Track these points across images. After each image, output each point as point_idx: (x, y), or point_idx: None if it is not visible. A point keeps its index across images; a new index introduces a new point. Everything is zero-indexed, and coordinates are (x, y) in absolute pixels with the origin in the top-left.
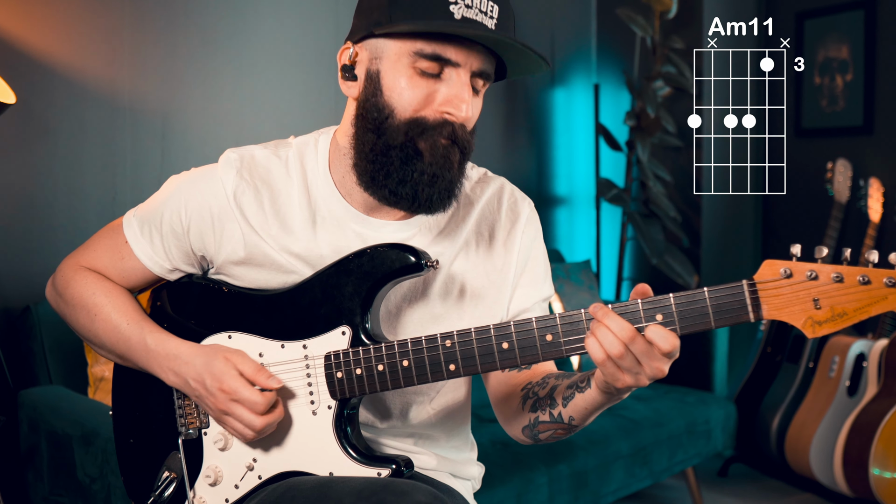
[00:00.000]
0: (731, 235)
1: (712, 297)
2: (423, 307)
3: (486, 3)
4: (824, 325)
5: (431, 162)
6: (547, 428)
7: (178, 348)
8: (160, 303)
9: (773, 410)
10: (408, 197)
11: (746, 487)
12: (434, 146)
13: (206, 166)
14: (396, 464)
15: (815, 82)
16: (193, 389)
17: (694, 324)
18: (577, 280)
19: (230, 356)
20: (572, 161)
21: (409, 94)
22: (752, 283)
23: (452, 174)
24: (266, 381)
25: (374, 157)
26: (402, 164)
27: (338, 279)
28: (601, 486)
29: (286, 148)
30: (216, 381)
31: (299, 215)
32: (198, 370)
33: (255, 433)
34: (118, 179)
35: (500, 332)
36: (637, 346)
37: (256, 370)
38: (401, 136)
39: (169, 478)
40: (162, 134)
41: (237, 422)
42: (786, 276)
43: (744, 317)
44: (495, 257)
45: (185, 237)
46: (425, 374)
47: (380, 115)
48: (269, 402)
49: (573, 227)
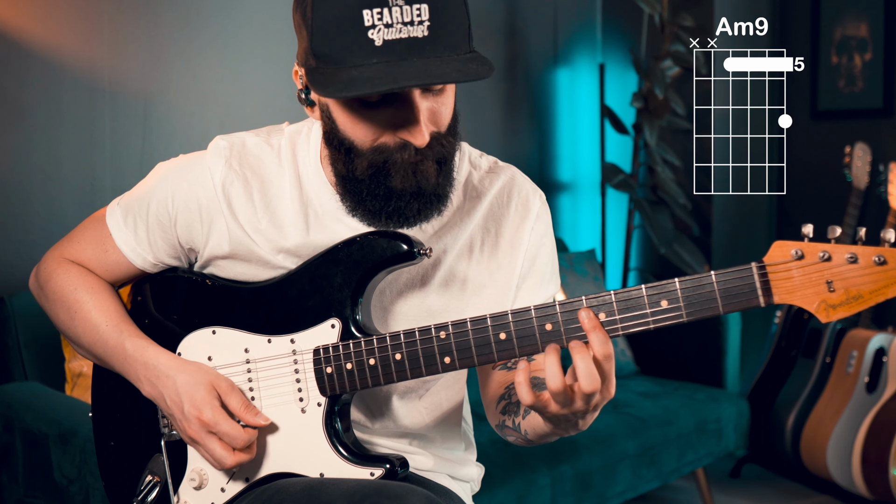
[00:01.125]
0: (743, 223)
1: (720, 280)
2: (419, 304)
3: (411, 10)
4: (839, 308)
5: (405, 183)
6: (510, 434)
7: (158, 358)
8: (141, 297)
9: (787, 408)
10: (396, 215)
11: (760, 489)
12: (403, 166)
13: (195, 153)
14: (391, 463)
15: (832, 62)
16: (168, 408)
17: (701, 309)
18: (582, 270)
19: (217, 384)
20: (576, 145)
21: (359, 129)
22: (762, 266)
23: (435, 182)
24: (254, 418)
25: (347, 187)
26: (375, 196)
27: (326, 269)
28: (606, 488)
29: (279, 136)
30: (196, 408)
31: (291, 209)
32: (178, 390)
33: (223, 469)
34: (97, 165)
35: (497, 321)
36: None
37: (244, 407)
38: (366, 169)
39: (152, 482)
40: (143, 116)
41: (206, 453)
42: (797, 257)
43: (753, 301)
44: (501, 256)
45: (172, 229)
46: (419, 368)
47: (342, 146)
48: (248, 440)
49: (577, 214)
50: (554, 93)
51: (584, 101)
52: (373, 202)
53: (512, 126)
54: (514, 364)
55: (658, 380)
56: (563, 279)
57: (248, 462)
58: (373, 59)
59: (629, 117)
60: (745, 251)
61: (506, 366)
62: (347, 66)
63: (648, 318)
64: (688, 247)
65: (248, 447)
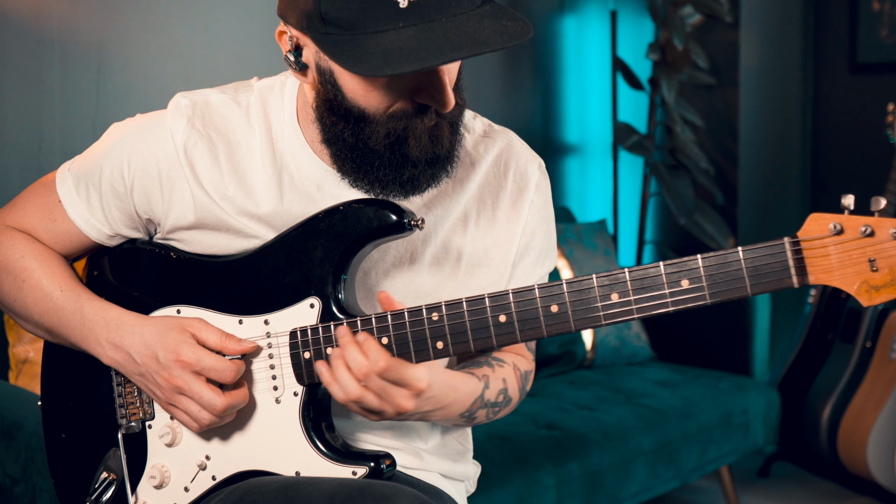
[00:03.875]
0: (773, 190)
1: (748, 257)
2: (409, 283)
3: None
4: (882, 290)
5: (422, 150)
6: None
7: (122, 317)
8: (97, 272)
9: (823, 398)
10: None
11: (791, 490)
12: (419, 134)
13: (154, 113)
14: (376, 461)
15: (874, 8)
16: (138, 366)
17: (726, 290)
18: (591, 244)
19: (188, 325)
20: (585, 103)
21: (374, 96)
22: (796, 241)
23: (448, 145)
24: (238, 346)
25: (355, 157)
26: (391, 166)
27: (305, 242)
28: (619, 489)
29: (247, 92)
30: (171, 352)
31: (262, 174)
32: (146, 341)
33: (215, 416)
34: (45, 124)
35: (497, 302)
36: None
37: (223, 336)
38: (383, 139)
39: (107, 479)
40: (97, 70)
41: (193, 403)
42: (836, 231)
43: (786, 281)
44: (497, 229)
45: (128, 197)
46: (408, 354)
47: (349, 115)
48: (238, 370)
49: (586, 180)
50: (559, 44)
51: (593, 53)
52: (386, 172)
53: (512, 82)
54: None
55: (677, 367)
56: (569, 253)
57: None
58: (398, 22)
59: (644, 71)
60: (774, 221)
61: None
62: (368, 31)
63: (667, 300)
64: (711, 217)
65: (239, 387)
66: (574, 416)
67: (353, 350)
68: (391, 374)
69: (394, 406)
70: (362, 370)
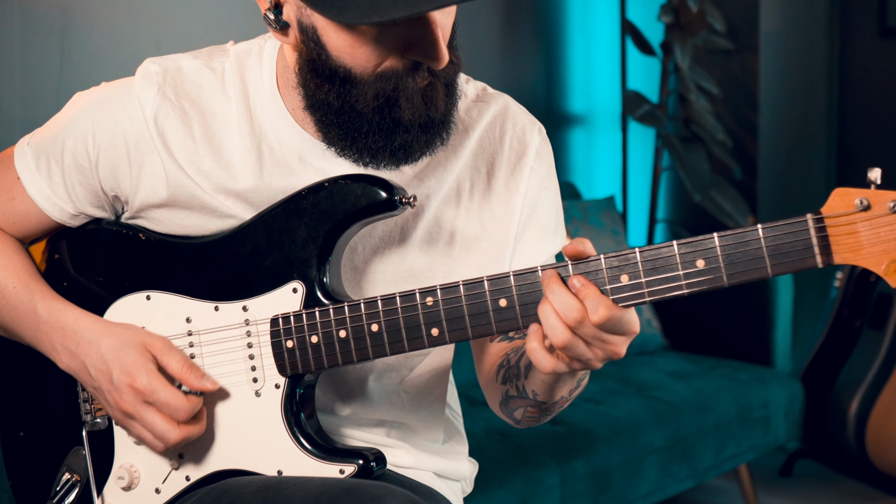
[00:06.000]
0: (796, 164)
1: (768, 235)
2: (399, 262)
3: None
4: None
5: (415, 113)
6: (517, 405)
7: (78, 322)
8: (59, 255)
9: (850, 391)
10: (402, 151)
11: (816, 490)
12: (413, 93)
13: (120, 81)
14: (364, 459)
15: None
16: (93, 380)
17: (745, 271)
18: (598, 222)
19: (151, 344)
20: (591, 69)
21: (361, 53)
22: (820, 218)
23: (444, 108)
24: (199, 381)
25: (342, 122)
26: (381, 131)
27: (287, 222)
28: (629, 489)
29: (223, 58)
30: (127, 374)
31: (240, 146)
32: (103, 355)
33: (167, 447)
34: (4, 93)
35: (497, 285)
36: (585, 329)
37: (186, 368)
38: (371, 101)
39: (70, 481)
40: (61, 34)
41: (145, 430)
42: (862, 207)
43: (809, 261)
44: (494, 200)
45: (93, 172)
46: (400, 342)
47: (335, 76)
48: (193, 409)
49: (593, 153)
50: (564, 4)
51: (600, 15)
52: (376, 138)
53: (513, 47)
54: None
55: (691, 356)
56: (575, 233)
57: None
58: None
59: (656, 35)
60: (797, 198)
61: (507, 336)
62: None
63: (681, 282)
64: (728, 193)
65: (196, 418)
66: (579, 410)
67: (564, 294)
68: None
69: (607, 353)
70: (575, 316)
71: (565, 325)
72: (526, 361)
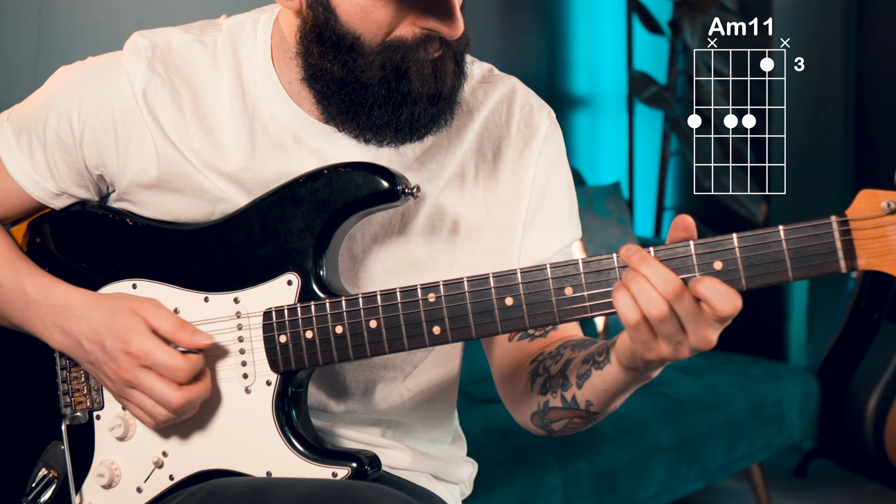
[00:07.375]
0: (813, 150)
1: (790, 238)
2: (400, 251)
3: None
4: None
5: (423, 86)
6: (560, 416)
7: (68, 297)
8: (40, 239)
9: (868, 387)
10: (408, 126)
11: (832, 491)
12: (421, 65)
13: (107, 55)
14: (358, 461)
15: None
16: (87, 354)
17: (765, 274)
18: (603, 210)
19: (140, 308)
20: (596, 49)
21: (373, 19)
22: (844, 221)
23: (452, 83)
24: (191, 338)
25: (344, 94)
26: (387, 104)
27: (283, 210)
28: (635, 491)
29: (215, 32)
30: (120, 341)
31: (231, 124)
32: (94, 327)
33: (172, 413)
34: None
35: (503, 283)
36: (683, 305)
37: (177, 325)
38: (378, 71)
39: (47, 477)
40: (38, 9)
41: (146, 397)
42: (889, 210)
43: (832, 266)
44: (501, 187)
45: (78, 149)
46: (400, 340)
47: (341, 44)
48: (193, 368)
49: (597, 138)
50: None
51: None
52: (381, 112)
53: (514, 26)
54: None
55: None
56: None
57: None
58: None
59: (664, 13)
60: (813, 186)
61: (526, 334)
62: None
63: None
64: (740, 180)
65: (198, 378)
66: None
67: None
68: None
69: (699, 338)
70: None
71: (663, 298)
72: (576, 369)
